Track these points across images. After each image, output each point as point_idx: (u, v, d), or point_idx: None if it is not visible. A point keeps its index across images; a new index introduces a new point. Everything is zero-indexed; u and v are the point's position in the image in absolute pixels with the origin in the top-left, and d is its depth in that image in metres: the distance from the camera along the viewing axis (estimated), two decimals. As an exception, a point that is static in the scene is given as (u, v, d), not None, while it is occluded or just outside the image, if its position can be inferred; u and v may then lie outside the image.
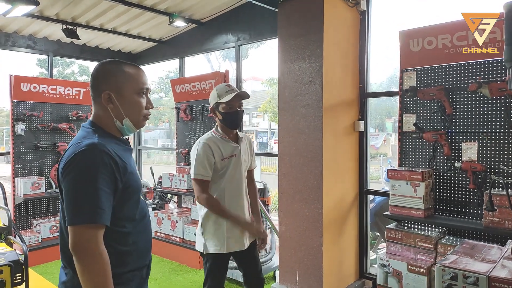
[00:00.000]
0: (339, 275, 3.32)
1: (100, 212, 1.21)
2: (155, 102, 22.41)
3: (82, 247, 1.19)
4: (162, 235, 4.76)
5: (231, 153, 2.37)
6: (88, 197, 1.21)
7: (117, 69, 1.36)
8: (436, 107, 2.80)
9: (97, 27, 4.84)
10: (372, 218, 4.17)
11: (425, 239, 2.59)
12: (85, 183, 1.21)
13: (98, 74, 1.37)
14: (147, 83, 1.41)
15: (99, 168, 1.23)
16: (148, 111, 1.43)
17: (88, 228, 1.19)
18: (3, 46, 4.75)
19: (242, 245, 2.38)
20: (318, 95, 3.05)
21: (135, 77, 1.38)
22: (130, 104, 1.37)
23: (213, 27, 4.86)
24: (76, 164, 1.23)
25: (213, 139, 2.38)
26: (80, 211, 1.20)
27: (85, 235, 1.19)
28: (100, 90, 1.35)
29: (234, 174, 2.38)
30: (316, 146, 3.08)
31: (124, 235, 1.33)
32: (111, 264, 1.25)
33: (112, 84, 1.34)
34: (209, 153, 2.31)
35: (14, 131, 4.59)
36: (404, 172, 2.73)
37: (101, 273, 1.20)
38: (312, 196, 3.12)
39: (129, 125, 1.37)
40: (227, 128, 2.40)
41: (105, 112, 1.37)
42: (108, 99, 1.35)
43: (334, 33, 3.13)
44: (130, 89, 1.36)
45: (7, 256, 2.54)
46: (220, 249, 2.33)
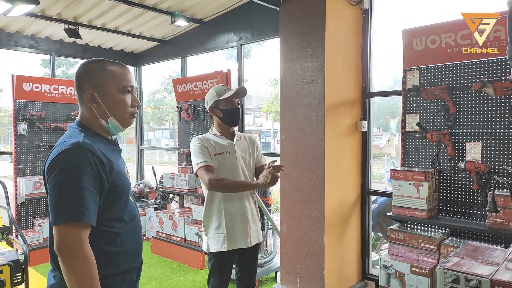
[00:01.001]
0: (341, 276, 3.29)
1: (84, 210, 1.19)
2: (159, 102, 22.42)
3: (65, 246, 1.17)
4: (163, 235, 4.75)
5: (224, 150, 2.37)
6: (72, 196, 1.19)
7: (100, 68, 1.35)
8: (440, 107, 2.76)
9: (99, 26, 4.84)
10: (375, 218, 4.13)
11: (428, 240, 2.55)
12: (69, 182, 1.20)
13: (81, 74, 1.36)
14: (131, 81, 1.39)
15: (84, 167, 1.21)
16: (134, 109, 1.40)
17: (71, 227, 1.18)
18: (5, 46, 4.77)
19: (245, 243, 2.36)
20: (320, 94, 3.02)
21: (118, 75, 1.36)
22: (114, 102, 1.35)
23: (215, 27, 4.84)
24: (60, 163, 1.21)
25: (207, 136, 2.41)
26: (64, 210, 1.18)
27: (68, 234, 1.17)
28: (84, 90, 1.34)
29: (230, 171, 2.35)
30: (318, 146, 3.05)
31: (112, 235, 1.31)
32: (99, 265, 1.23)
33: (95, 83, 1.33)
34: (204, 145, 2.34)
35: (16, 131, 4.60)
36: (407, 173, 2.69)
37: (86, 274, 1.18)
38: (314, 197, 3.09)
39: (114, 124, 1.36)
40: (225, 126, 2.41)
41: (90, 112, 1.36)
42: (91, 98, 1.33)
43: (336, 32, 3.10)
44: (114, 87, 1.35)
45: (7, 255, 2.54)
46: (221, 247, 2.33)
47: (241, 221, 2.36)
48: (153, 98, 22.61)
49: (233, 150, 2.39)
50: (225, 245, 2.32)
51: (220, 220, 2.34)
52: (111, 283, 1.30)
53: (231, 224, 2.33)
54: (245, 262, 2.47)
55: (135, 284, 1.42)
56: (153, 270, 4.27)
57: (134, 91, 1.42)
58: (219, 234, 2.34)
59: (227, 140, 2.41)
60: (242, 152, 2.44)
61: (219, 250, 2.33)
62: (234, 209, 2.34)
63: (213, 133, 2.44)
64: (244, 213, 2.37)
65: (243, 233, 2.35)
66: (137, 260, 1.43)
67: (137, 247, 1.42)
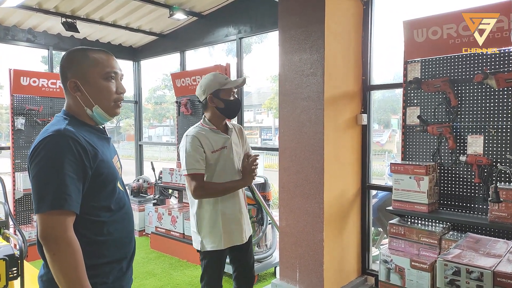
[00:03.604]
0: (341, 271, 3.25)
1: (67, 198, 1.16)
2: (159, 98, 22.38)
3: (49, 234, 1.15)
4: (162, 230, 4.72)
5: (222, 145, 2.28)
6: (54, 183, 1.16)
7: (82, 56, 1.33)
8: (441, 99, 2.72)
9: (97, 20, 4.79)
10: (375, 213, 4.09)
11: (429, 234, 2.52)
12: (50, 169, 1.17)
13: (64, 63, 1.34)
14: (115, 67, 1.36)
15: (65, 154, 1.18)
16: (119, 95, 1.37)
17: (54, 215, 1.15)
18: (2, 40, 4.72)
19: (240, 240, 2.33)
20: (319, 87, 2.98)
21: (101, 61, 1.33)
22: (97, 90, 1.32)
23: (214, 20, 4.79)
24: (41, 150, 1.19)
25: (202, 132, 2.27)
26: (46, 198, 1.15)
27: (51, 222, 1.15)
28: (67, 79, 1.32)
29: (226, 167, 2.29)
30: (317, 140, 3.01)
31: (98, 224, 1.29)
32: (85, 254, 1.20)
33: (78, 71, 1.31)
34: (198, 146, 2.21)
35: (14, 126, 4.56)
36: (407, 166, 2.65)
37: (71, 261, 1.15)
38: (313, 191, 3.05)
39: (99, 112, 1.33)
40: (221, 118, 2.32)
41: (75, 101, 1.34)
42: (75, 87, 1.32)
43: (336, 24, 3.05)
44: (96, 75, 1.32)
45: (2, 250, 2.51)
46: (218, 246, 2.26)
47: (236, 218, 2.30)
48: (153, 95, 22.57)
49: (230, 145, 2.31)
50: (222, 244, 2.26)
51: (215, 218, 2.26)
52: (99, 273, 1.28)
53: (227, 222, 2.27)
54: (241, 257, 2.42)
55: (125, 275, 1.38)
56: (151, 265, 4.24)
57: (119, 78, 1.38)
58: (215, 232, 2.26)
59: (223, 134, 2.31)
60: (236, 145, 2.37)
61: (216, 249, 2.26)
62: (229, 206, 2.28)
63: (207, 126, 2.30)
64: (239, 209, 2.32)
65: (239, 229, 2.31)
66: (127, 249, 1.39)
67: (127, 236, 1.39)
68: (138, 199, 5.48)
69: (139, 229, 5.39)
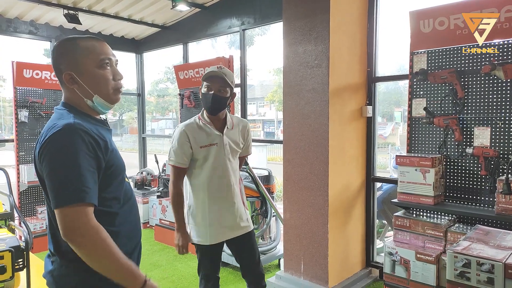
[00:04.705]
0: (345, 263, 3.25)
1: (87, 190, 1.14)
2: (162, 91, 22.35)
3: (74, 229, 1.12)
4: (166, 222, 4.73)
5: (211, 142, 2.21)
6: (72, 177, 1.13)
7: (72, 46, 1.27)
8: (448, 91, 2.69)
9: (99, 12, 4.76)
10: (380, 206, 4.09)
11: (434, 227, 2.51)
12: (67, 163, 1.14)
13: (55, 56, 1.29)
14: (109, 53, 1.31)
15: (80, 147, 1.16)
16: (117, 82, 1.33)
17: (76, 208, 1.13)
18: (5, 32, 4.70)
19: (227, 235, 2.28)
20: (324, 79, 2.95)
21: (94, 49, 1.28)
22: (94, 79, 1.28)
23: (217, 11, 4.75)
24: (53, 145, 1.15)
25: (193, 125, 2.24)
26: (65, 192, 1.13)
27: (74, 215, 1.12)
28: (61, 72, 1.27)
29: (216, 165, 2.22)
30: (322, 132, 2.99)
31: (111, 216, 1.27)
32: None
33: (71, 63, 1.26)
34: (185, 141, 2.18)
35: (18, 118, 4.56)
36: (413, 158, 2.63)
37: (105, 247, 1.14)
38: (317, 183, 3.04)
39: (100, 102, 1.30)
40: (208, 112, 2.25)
41: (73, 93, 1.29)
42: (71, 79, 1.27)
43: (341, 14, 3.01)
44: (90, 64, 1.27)
45: (7, 241, 2.51)
46: (204, 241, 2.24)
47: (226, 213, 2.25)
48: (156, 88, 22.54)
49: (221, 142, 2.22)
50: (207, 238, 2.23)
51: (203, 213, 2.23)
52: None
53: (215, 217, 2.23)
54: (242, 253, 2.38)
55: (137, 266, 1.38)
56: (156, 257, 4.26)
57: (114, 64, 1.33)
58: (202, 226, 2.24)
59: (216, 131, 2.23)
60: (232, 141, 2.28)
61: (202, 244, 2.25)
62: (218, 201, 2.23)
63: (202, 119, 2.25)
64: (230, 204, 2.26)
65: (226, 227, 2.25)
66: (137, 240, 1.38)
67: (135, 226, 1.39)
68: (142, 192, 5.48)
69: (143, 221, 5.40)
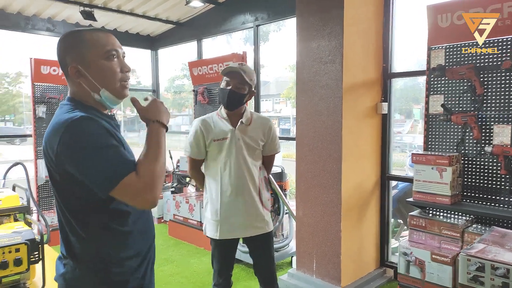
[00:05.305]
0: (358, 263, 3.21)
1: (127, 161, 1.15)
2: (178, 88, 22.49)
3: (135, 193, 1.13)
4: (180, 218, 4.76)
5: (223, 136, 2.23)
6: (110, 156, 1.13)
7: (77, 39, 1.24)
8: (466, 87, 2.60)
9: (114, 9, 4.80)
10: (395, 204, 4.01)
11: (451, 227, 2.43)
12: (98, 147, 1.13)
13: (60, 49, 1.25)
14: (115, 45, 1.27)
15: (101, 131, 1.15)
16: (125, 74, 1.28)
17: (130, 176, 1.13)
18: (23, 29, 4.79)
19: (241, 234, 2.29)
20: (338, 74, 2.90)
21: (98, 41, 1.24)
22: (100, 71, 1.23)
23: (231, 7, 4.73)
24: (75, 135, 1.12)
25: (209, 119, 2.29)
26: (113, 168, 1.12)
27: (128, 186, 1.12)
28: (67, 66, 1.23)
29: (228, 159, 2.23)
30: (336, 129, 2.94)
31: (124, 214, 1.25)
32: (114, 247, 1.20)
33: (76, 55, 1.22)
34: (199, 133, 2.25)
35: (36, 114, 4.65)
36: (429, 157, 2.56)
37: (162, 173, 1.20)
38: (330, 181, 3.00)
39: (107, 95, 1.25)
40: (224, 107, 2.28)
41: (80, 87, 1.25)
42: (77, 72, 1.22)
43: (355, 9, 2.95)
44: (96, 56, 1.22)
45: (23, 234, 2.56)
46: (214, 235, 2.27)
47: (238, 212, 2.25)
48: (173, 84, 22.71)
49: (233, 137, 2.22)
50: (218, 233, 2.25)
51: (216, 207, 2.26)
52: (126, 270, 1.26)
53: (226, 213, 2.24)
54: (257, 253, 2.40)
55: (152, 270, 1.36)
56: (169, 252, 4.30)
57: (121, 56, 1.29)
58: (214, 221, 2.28)
59: (229, 125, 2.24)
60: (248, 138, 2.26)
61: (212, 237, 2.29)
62: (230, 198, 2.24)
63: (219, 114, 2.30)
64: (239, 204, 2.25)
65: (237, 224, 2.25)
66: (150, 240, 1.36)
67: (148, 226, 1.36)
68: (156, 187, 5.52)
69: (157, 216, 5.45)
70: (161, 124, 1.26)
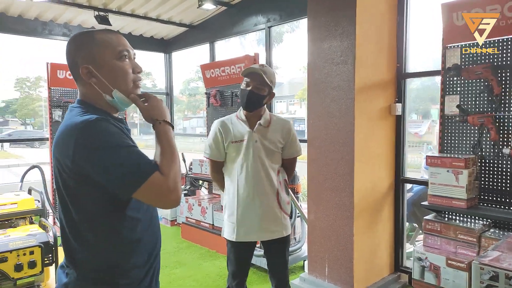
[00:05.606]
0: (372, 267, 3.14)
1: (149, 161, 1.13)
2: (193, 90, 22.70)
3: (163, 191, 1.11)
4: (192, 220, 4.77)
5: (241, 138, 2.24)
6: (132, 157, 1.11)
7: (88, 39, 1.21)
8: (483, 87, 2.52)
9: (128, 12, 4.86)
10: (410, 208, 3.92)
11: (467, 231, 2.36)
12: (118, 146, 1.10)
13: (70, 50, 1.22)
14: (126, 46, 1.25)
15: (119, 132, 1.13)
16: (136, 75, 1.26)
17: (155, 175, 1.11)
18: (40, 35, 4.90)
19: (257, 237, 2.28)
20: (350, 75, 2.85)
21: (110, 41, 1.22)
22: (113, 72, 1.20)
23: (242, 9, 4.72)
24: (90, 138, 1.09)
25: (228, 121, 2.31)
26: (137, 167, 1.10)
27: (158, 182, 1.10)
28: (78, 66, 1.20)
29: (244, 161, 2.22)
30: (348, 131, 2.89)
31: (134, 222, 1.22)
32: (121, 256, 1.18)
33: (88, 55, 1.19)
34: (218, 134, 2.28)
35: (52, 118, 4.74)
36: (444, 159, 2.49)
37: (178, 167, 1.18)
38: (342, 184, 2.95)
39: (120, 96, 1.22)
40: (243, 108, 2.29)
41: (90, 89, 1.22)
42: (88, 73, 1.19)
43: (367, 8, 2.90)
44: (108, 56, 1.20)
45: (38, 237, 2.61)
46: (231, 237, 2.28)
47: (254, 215, 2.23)
48: (187, 86, 22.92)
49: (250, 138, 2.22)
50: (234, 235, 2.25)
51: (233, 209, 2.27)
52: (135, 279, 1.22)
53: (243, 216, 2.24)
54: (271, 256, 2.38)
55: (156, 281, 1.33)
56: (182, 255, 4.30)
57: (133, 57, 1.27)
58: (231, 223, 2.28)
59: (247, 127, 2.25)
60: (266, 140, 2.24)
61: (229, 239, 2.29)
62: (248, 201, 2.23)
63: (238, 116, 2.31)
64: (255, 207, 2.23)
65: (253, 227, 2.24)
66: (156, 248, 1.32)
67: (157, 235, 1.33)
68: (169, 190, 5.56)
69: (170, 219, 5.48)
70: (168, 123, 1.24)
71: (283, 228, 2.30)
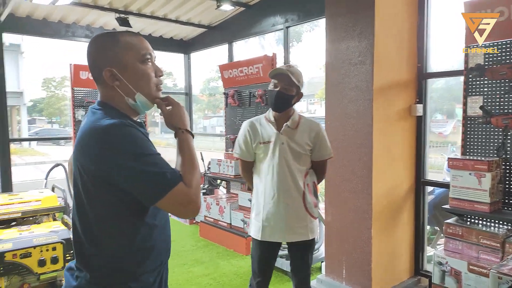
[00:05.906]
0: (391, 271, 3.08)
1: (172, 170, 1.13)
2: (213, 90, 22.84)
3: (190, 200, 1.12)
4: (210, 219, 4.81)
5: (268, 139, 2.25)
6: (159, 162, 1.10)
7: (112, 41, 1.19)
8: (507, 88, 2.43)
9: (148, 14, 4.93)
10: (431, 211, 3.83)
11: (490, 236, 2.29)
12: (144, 154, 1.09)
13: (93, 52, 1.20)
14: (149, 48, 1.23)
15: (143, 138, 1.13)
16: (159, 79, 1.25)
17: (181, 187, 1.11)
18: (64, 37, 5.04)
19: (281, 238, 2.28)
20: (368, 76, 2.81)
21: (133, 44, 1.19)
22: (137, 75, 1.19)
23: (261, 9, 4.72)
24: (115, 142, 1.08)
25: (257, 122, 2.33)
26: (163, 176, 1.09)
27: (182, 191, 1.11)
28: (100, 69, 1.18)
29: (271, 163, 2.23)
30: (366, 132, 2.85)
31: (151, 228, 1.21)
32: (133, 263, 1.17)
33: (112, 58, 1.17)
34: (247, 134, 2.29)
35: (75, 117, 4.87)
36: (467, 161, 2.42)
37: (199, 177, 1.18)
38: (360, 186, 2.91)
39: (143, 100, 1.21)
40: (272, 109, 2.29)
41: (112, 92, 1.20)
42: (111, 76, 1.17)
43: (387, 8, 2.84)
44: (132, 59, 1.18)
45: (60, 234, 2.69)
46: (256, 235, 2.30)
47: (279, 216, 2.23)
48: (208, 86, 23.09)
49: (277, 140, 2.22)
50: (259, 235, 2.28)
51: (260, 209, 2.30)
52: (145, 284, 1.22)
53: (268, 216, 2.25)
54: (294, 257, 2.38)
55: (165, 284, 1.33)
56: (199, 253, 4.35)
57: (154, 60, 1.26)
58: (257, 221, 2.31)
59: (274, 128, 2.25)
60: (293, 142, 2.22)
61: (254, 237, 2.33)
62: (273, 202, 2.24)
63: (267, 117, 2.31)
64: (281, 209, 2.23)
65: (280, 227, 2.24)
66: (166, 256, 1.32)
67: (168, 243, 1.32)
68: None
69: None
70: (189, 132, 1.24)
71: (309, 230, 2.27)
